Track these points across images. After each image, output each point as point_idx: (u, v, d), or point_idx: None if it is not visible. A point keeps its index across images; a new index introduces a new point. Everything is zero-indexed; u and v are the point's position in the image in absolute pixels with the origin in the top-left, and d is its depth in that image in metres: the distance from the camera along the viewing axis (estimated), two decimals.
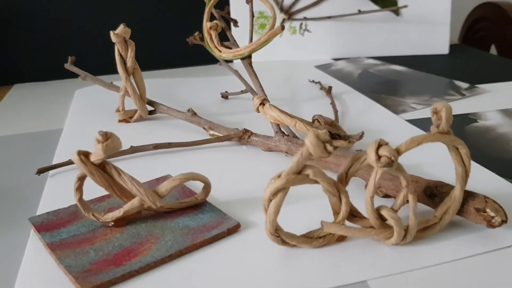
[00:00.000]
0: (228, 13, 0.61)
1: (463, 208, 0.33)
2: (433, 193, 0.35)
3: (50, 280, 0.31)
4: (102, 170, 0.34)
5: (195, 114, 0.53)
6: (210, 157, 0.48)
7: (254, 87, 0.52)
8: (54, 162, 0.47)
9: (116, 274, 0.30)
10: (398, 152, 0.31)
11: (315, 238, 0.33)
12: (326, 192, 0.32)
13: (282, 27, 0.51)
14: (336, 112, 0.55)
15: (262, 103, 0.48)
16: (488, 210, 0.32)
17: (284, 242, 0.33)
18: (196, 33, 0.58)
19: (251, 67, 0.53)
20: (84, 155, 0.33)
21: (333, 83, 0.69)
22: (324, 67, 0.78)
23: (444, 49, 0.83)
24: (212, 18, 0.56)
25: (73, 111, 0.62)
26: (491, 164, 0.43)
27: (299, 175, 0.31)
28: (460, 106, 0.58)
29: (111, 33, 0.50)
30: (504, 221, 0.32)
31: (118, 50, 0.51)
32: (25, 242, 0.35)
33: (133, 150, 0.47)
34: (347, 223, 0.33)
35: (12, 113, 0.66)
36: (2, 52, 0.80)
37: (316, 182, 0.31)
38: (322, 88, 0.66)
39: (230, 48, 0.54)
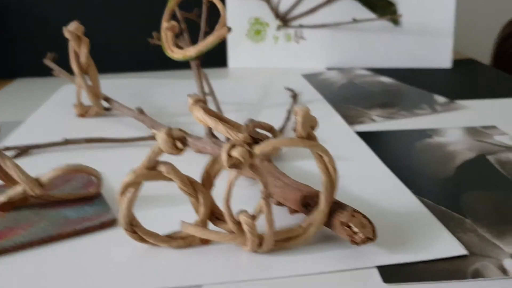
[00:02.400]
0: (197, 15, 0.61)
1: (331, 220, 0.31)
2: (307, 203, 0.33)
3: None
4: None
5: (142, 112, 0.53)
6: (141, 155, 0.47)
7: (196, 88, 0.52)
8: None
9: None
10: (251, 155, 0.29)
11: (176, 239, 0.32)
12: (182, 191, 0.31)
13: (229, 29, 0.50)
14: (287, 119, 0.54)
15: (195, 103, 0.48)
16: (351, 224, 0.30)
17: (142, 240, 0.32)
18: (154, 33, 0.59)
19: (199, 68, 0.53)
20: None
21: (309, 92, 0.67)
22: (312, 76, 0.76)
23: (446, 63, 0.78)
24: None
25: (46, 105, 0.65)
26: (418, 182, 0.40)
27: (151, 171, 0.30)
28: (425, 121, 0.55)
29: (64, 29, 0.52)
30: (370, 239, 0.30)
31: (72, 47, 0.53)
32: None
33: (66, 142, 0.48)
34: (212, 226, 0.32)
35: (0, 103, 0.69)
36: (6, 46, 0.84)
37: (170, 179, 0.31)
38: (292, 95, 0.64)
39: (183, 49, 0.54)
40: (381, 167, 0.43)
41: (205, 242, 0.32)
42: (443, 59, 0.78)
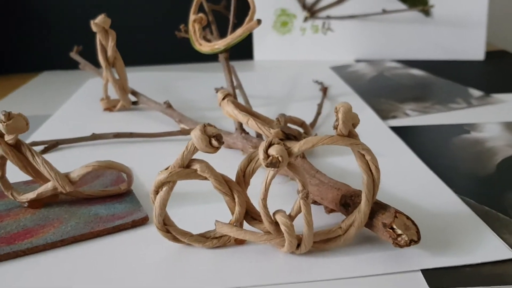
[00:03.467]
0: (224, 7, 0.60)
1: (372, 221, 0.29)
2: (347, 202, 0.31)
3: None
4: (18, 150, 0.34)
5: (170, 106, 0.52)
6: (170, 150, 0.47)
7: (226, 82, 0.50)
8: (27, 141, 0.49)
9: (1, 251, 0.30)
10: (290, 153, 0.28)
11: (210, 238, 0.31)
12: (217, 190, 0.30)
13: (259, 22, 0.49)
14: (318, 113, 0.52)
15: (225, 98, 0.46)
16: (395, 226, 0.28)
17: (176, 239, 0.31)
18: (182, 26, 0.58)
19: (227, 61, 0.51)
20: (0, 135, 0.34)
21: (338, 85, 0.66)
22: (340, 68, 0.74)
23: (479, 55, 0.76)
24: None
25: (74, 98, 0.65)
26: (458, 180, 0.38)
27: (186, 169, 0.29)
28: (461, 116, 0.53)
29: (91, 22, 0.51)
30: (414, 241, 0.28)
31: (99, 40, 0.52)
32: None
33: (94, 137, 0.47)
34: (248, 226, 0.31)
35: (26, 97, 0.69)
36: (31, 39, 0.84)
37: (205, 178, 0.30)
38: (321, 89, 0.62)
39: (211, 42, 0.53)
40: (418, 164, 0.41)
41: (239, 242, 0.31)
42: (475, 51, 0.76)
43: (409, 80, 0.67)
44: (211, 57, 0.83)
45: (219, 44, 0.51)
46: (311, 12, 0.79)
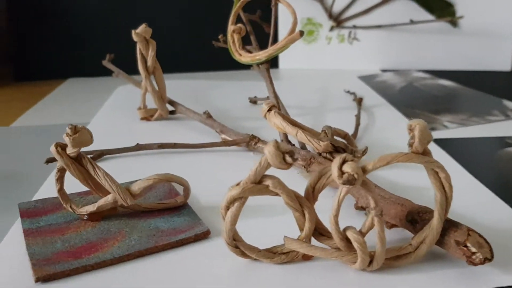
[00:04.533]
0: (259, 17, 0.60)
1: (444, 239, 0.30)
2: (414, 219, 0.31)
3: (17, 264, 0.32)
4: (79, 163, 0.34)
5: (210, 116, 0.53)
6: (214, 161, 0.47)
7: (268, 93, 0.51)
8: None
9: (71, 266, 0.30)
10: (364, 170, 0.28)
11: (278, 254, 0.31)
12: (288, 206, 0.30)
13: (301, 33, 0.49)
14: (357, 125, 0.53)
15: (270, 110, 0.47)
16: (469, 244, 0.28)
17: (244, 254, 0.31)
18: (220, 36, 0.58)
19: (268, 72, 0.52)
20: (61, 147, 0.34)
21: (370, 95, 0.66)
22: (368, 78, 0.74)
23: (506, 66, 0.76)
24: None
25: (106, 106, 0.65)
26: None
27: (258, 185, 0.29)
28: (500, 128, 0.53)
29: (133, 32, 0.51)
30: (488, 259, 0.28)
31: (140, 49, 0.53)
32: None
33: (139, 147, 0.48)
34: (315, 241, 0.31)
35: (56, 105, 0.69)
36: (57, 46, 0.84)
37: (276, 194, 0.30)
38: (355, 99, 0.63)
39: (251, 53, 0.53)
40: (468, 178, 0.41)
41: (307, 258, 0.31)
42: (502, 62, 0.76)
43: (440, 91, 0.67)
44: (241, 65, 0.84)
45: (261, 55, 0.51)
46: (337, 21, 0.80)
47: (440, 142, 0.49)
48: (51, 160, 0.46)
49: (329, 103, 0.64)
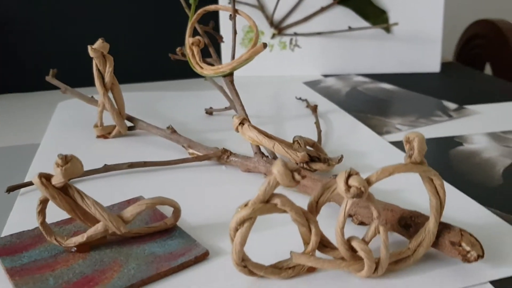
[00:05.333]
0: (213, 28, 0.60)
1: (438, 241, 0.32)
2: (407, 223, 0.33)
3: None
4: (65, 193, 0.33)
5: (175, 131, 0.52)
6: (187, 178, 0.46)
7: (235, 105, 0.51)
8: (27, 179, 0.46)
9: None
10: (368, 182, 0.30)
11: (284, 269, 0.32)
12: (295, 222, 0.31)
13: (264, 45, 0.50)
14: (319, 132, 0.54)
15: (242, 123, 0.47)
16: (463, 244, 0.31)
17: (251, 273, 0.31)
18: (178, 49, 0.57)
19: (233, 84, 0.52)
20: (46, 178, 0.32)
21: (320, 100, 0.68)
22: (313, 84, 0.77)
23: (435, 67, 0.82)
24: (195, 33, 0.56)
25: (53, 124, 0.61)
26: (474, 191, 0.42)
27: (266, 204, 0.30)
28: (446, 128, 0.57)
29: (89, 47, 0.49)
30: (480, 256, 0.31)
31: (96, 65, 0.50)
32: None
33: (107, 168, 0.46)
34: (318, 253, 0.32)
35: None
36: None
37: (284, 211, 0.30)
38: (308, 106, 0.64)
39: (212, 65, 0.53)
40: None
41: (311, 270, 0.32)
42: (432, 64, 0.82)
43: (384, 94, 0.71)
44: (189, 74, 0.83)
45: (224, 68, 0.51)
46: (279, 29, 0.82)
47: (397, 145, 0.53)
48: (12, 188, 0.43)
49: (283, 111, 0.65)
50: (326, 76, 0.82)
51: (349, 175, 0.29)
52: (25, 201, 0.42)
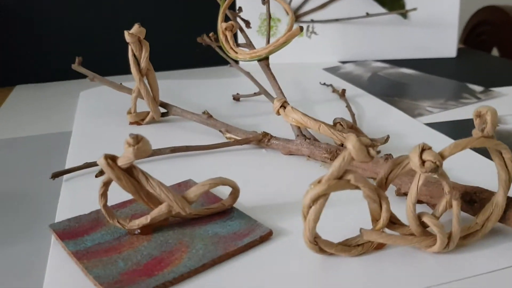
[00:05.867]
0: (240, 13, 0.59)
1: (506, 214, 0.32)
2: (472, 199, 0.33)
3: None
4: (129, 175, 0.32)
5: (211, 116, 0.51)
6: (230, 161, 0.46)
7: (273, 89, 0.50)
8: (67, 166, 0.46)
9: (149, 285, 0.28)
10: (442, 156, 0.30)
11: (354, 246, 0.32)
12: (367, 198, 0.30)
13: (301, 28, 0.50)
14: (353, 115, 0.54)
15: (283, 106, 0.47)
16: None
17: (321, 250, 0.31)
18: (211, 34, 0.56)
19: (269, 68, 0.52)
20: (112, 159, 0.31)
21: (343, 85, 0.68)
22: (333, 70, 0.77)
23: (452, 52, 0.82)
24: (226, 19, 0.55)
25: (80, 113, 0.60)
26: None
27: (340, 180, 0.30)
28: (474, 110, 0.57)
29: (126, 32, 0.49)
30: None
31: (132, 51, 0.50)
32: (46, 251, 0.33)
33: (152, 153, 0.45)
34: (387, 230, 0.32)
35: (16, 115, 0.63)
36: (4, 52, 0.77)
37: (357, 187, 0.30)
38: (334, 91, 0.64)
39: (246, 50, 0.53)
40: (480, 158, 0.44)
41: (379, 247, 0.32)
42: (448, 49, 0.82)
43: (406, 79, 0.71)
44: (210, 63, 0.82)
45: (260, 52, 0.51)
46: (296, 16, 0.81)
47: (434, 126, 0.53)
48: (58, 174, 0.42)
49: (309, 97, 0.65)
50: (343, 62, 0.82)
51: (423, 150, 0.29)
52: (71, 187, 0.42)
